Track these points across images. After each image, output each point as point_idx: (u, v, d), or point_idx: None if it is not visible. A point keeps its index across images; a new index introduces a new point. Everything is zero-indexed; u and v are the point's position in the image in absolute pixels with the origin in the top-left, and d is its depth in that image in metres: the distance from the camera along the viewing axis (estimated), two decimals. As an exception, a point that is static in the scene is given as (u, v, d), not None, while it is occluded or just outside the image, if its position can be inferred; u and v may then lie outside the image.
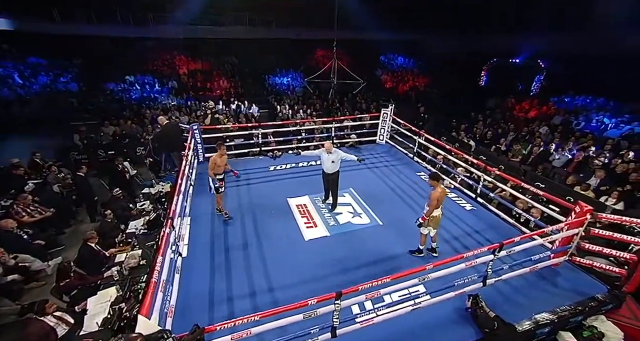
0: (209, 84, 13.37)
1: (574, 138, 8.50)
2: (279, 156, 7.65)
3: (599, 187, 6.46)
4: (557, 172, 7.58)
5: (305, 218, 5.29)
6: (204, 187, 6.05)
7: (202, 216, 5.22)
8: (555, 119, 10.42)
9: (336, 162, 5.17)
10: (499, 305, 3.57)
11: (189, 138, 6.17)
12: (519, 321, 3.37)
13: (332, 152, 5.13)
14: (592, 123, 9.82)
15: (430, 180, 3.93)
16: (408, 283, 3.00)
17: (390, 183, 6.57)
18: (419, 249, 4.30)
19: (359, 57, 16.22)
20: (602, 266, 3.90)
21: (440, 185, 3.85)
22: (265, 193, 6.02)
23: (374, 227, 5.11)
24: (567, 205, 4.02)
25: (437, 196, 3.80)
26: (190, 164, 5.47)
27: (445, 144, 6.55)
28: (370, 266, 4.23)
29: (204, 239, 4.68)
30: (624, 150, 7.63)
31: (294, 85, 14.59)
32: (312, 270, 4.14)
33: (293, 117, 11.01)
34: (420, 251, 4.28)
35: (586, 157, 7.48)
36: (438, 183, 3.86)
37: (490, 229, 5.07)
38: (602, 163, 7.03)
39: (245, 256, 4.38)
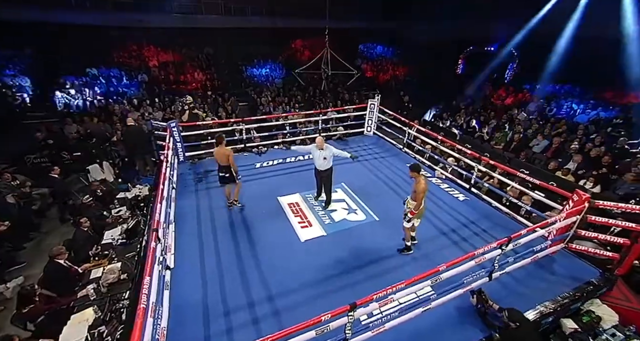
0: (183, 76, 12.47)
1: (550, 124, 8.71)
2: (265, 152, 7.26)
3: (576, 171, 6.66)
4: (538, 157, 7.77)
5: (299, 218, 5.02)
6: (187, 189, 5.64)
7: (187, 220, 4.80)
8: (530, 106, 10.68)
9: (328, 158, 4.89)
10: (503, 298, 3.52)
11: (167, 137, 5.61)
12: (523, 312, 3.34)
13: (324, 148, 4.83)
14: (563, 110, 10.16)
15: (412, 172, 3.76)
16: (420, 285, 2.82)
17: (382, 176, 6.41)
18: (407, 246, 4.16)
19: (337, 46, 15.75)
20: (596, 251, 3.95)
21: (422, 176, 3.69)
22: (254, 192, 5.66)
23: (370, 223, 4.96)
24: (565, 193, 4.02)
25: (423, 188, 3.64)
26: (171, 165, 4.97)
27: (437, 135, 6.42)
28: (371, 266, 4.07)
29: (191, 246, 4.30)
30: (593, 134, 7.94)
31: (274, 77, 14.01)
32: (312, 273, 3.92)
33: (275, 110, 10.52)
34: (410, 248, 4.15)
35: (562, 142, 7.69)
36: (419, 175, 3.71)
37: (485, 219, 5.05)
38: (578, 148, 7.24)
39: (239, 263, 4.06)
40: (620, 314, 3.69)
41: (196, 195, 5.49)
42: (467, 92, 13.49)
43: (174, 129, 5.91)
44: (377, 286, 3.59)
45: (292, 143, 7.83)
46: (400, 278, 3.72)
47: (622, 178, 6.11)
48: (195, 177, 6.10)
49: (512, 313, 2.88)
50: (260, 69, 14.21)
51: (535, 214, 4.70)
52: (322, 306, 3.40)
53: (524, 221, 4.83)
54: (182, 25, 12.80)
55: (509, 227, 4.83)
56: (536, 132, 8.37)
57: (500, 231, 4.72)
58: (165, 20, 12.41)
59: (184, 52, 13.46)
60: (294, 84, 13.42)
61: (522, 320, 2.87)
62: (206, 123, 6.73)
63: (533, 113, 9.94)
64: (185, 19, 12.66)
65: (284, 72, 14.50)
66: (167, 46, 13.34)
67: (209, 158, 6.82)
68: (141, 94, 11.00)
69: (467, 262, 3.02)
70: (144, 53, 13.04)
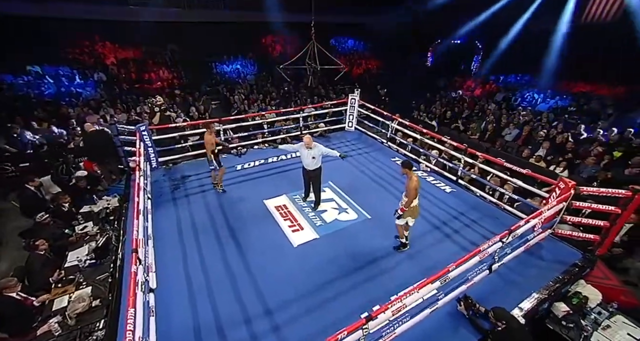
0: (146, 75, 11.51)
1: (518, 114, 9.12)
2: (244, 153, 6.86)
3: (546, 157, 7.00)
4: (510, 145, 8.10)
5: (289, 221, 4.78)
6: (163, 198, 5.18)
7: (167, 233, 4.38)
8: (497, 96, 11.14)
9: (317, 157, 4.70)
10: (500, 289, 3.57)
11: (137, 142, 5.06)
12: (520, 302, 3.39)
13: (313, 147, 4.63)
14: (526, 99, 10.71)
15: (403, 169, 3.67)
16: (430, 286, 2.72)
17: (368, 172, 6.32)
18: (403, 243, 4.10)
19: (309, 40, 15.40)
20: (580, 234, 4.11)
21: (413, 172, 3.62)
22: (237, 196, 5.31)
23: (362, 222, 4.83)
24: (550, 181, 4.13)
25: (415, 185, 3.56)
26: (144, 173, 4.47)
27: (422, 128, 6.43)
28: (369, 266, 3.95)
29: (175, 261, 3.90)
30: (554, 122, 8.43)
31: (245, 73, 13.41)
32: (309, 280, 3.71)
33: (250, 108, 10.04)
34: (405, 245, 4.09)
35: (531, 130, 8.06)
36: (411, 171, 3.63)
37: (473, 210, 5.12)
38: (544, 135, 7.63)
39: (229, 276, 3.75)
40: (603, 292, 3.88)
41: (174, 204, 5.04)
42: (439, 84, 13.82)
43: (144, 133, 5.35)
44: (378, 288, 3.59)
45: (273, 142, 7.50)
46: (399, 276, 3.76)
47: (585, 162, 6.51)
48: (171, 184, 5.62)
49: (497, 312, 2.86)
50: (230, 65, 13.52)
51: (520, 202, 4.81)
52: (324, 317, 3.25)
53: (511, 210, 4.95)
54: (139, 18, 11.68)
55: (497, 217, 4.94)
56: (508, 121, 8.70)
57: (489, 221, 4.81)
58: (118, 13, 11.21)
59: (145, 49, 12.40)
60: (267, 80, 12.94)
61: (507, 319, 2.86)
62: (179, 125, 6.17)
63: (500, 103, 10.36)
64: (143, 12, 11.58)
65: (255, 68, 13.95)
66: (125, 42, 12.15)
67: (185, 163, 6.37)
68: (99, 95, 9.96)
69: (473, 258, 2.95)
70: (99, 49, 11.79)
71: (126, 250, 3.93)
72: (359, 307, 3.35)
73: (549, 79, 10.71)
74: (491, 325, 2.98)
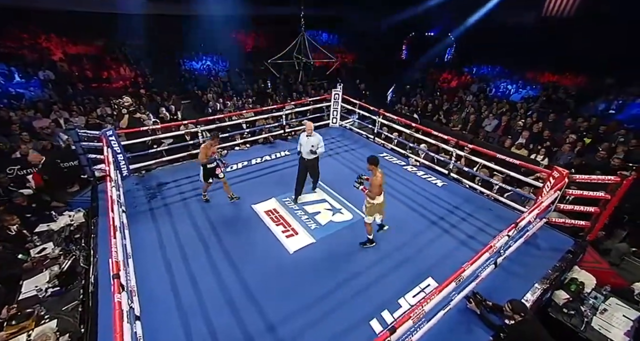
0: (105, 72, 10.58)
1: (495, 104, 9.46)
2: (225, 155, 6.49)
3: (527, 145, 7.31)
4: (491, 135, 8.38)
5: (282, 226, 4.58)
6: (139, 209, 4.78)
7: (148, 249, 4.00)
8: (472, 87, 11.51)
9: (316, 146, 4.79)
10: (504, 282, 3.62)
11: (104, 149, 4.57)
12: (525, 293, 3.46)
13: (313, 135, 4.78)
14: (500, 90, 11.16)
15: (369, 165, 3.68)
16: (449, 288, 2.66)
17: (357, 169, 6.23)
18: (370, 239, 4.12)
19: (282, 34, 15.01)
20: (572, 222, 4.27)
21: (379, 169, 3.65)
22: (223, 203, 5.02)
23: (359, 221, 4.71)
24: (543, 170, 4.25)
25: (378, 182, 3.60)
26: (116, 184, 4.04)
27: (411, 122, 6.44)
28: (373, 269, 3.86)
29: (160, 281, 3.57)
30: (529, 111, 8.85)
31: (217, 70, 12.81)
32: (310, 288, 3.56)
33: (226, 106, 9.58)
34: (372, 241, 4.13)
35: (509, 120, 8.39)
36: (377, 168, 3.65)
37: (467, 203, 5.21)
38: (522, 125, 7.97)
39: (223, 291, 3.49)
40: (596, 276, 4.07)
41: (152, 216, 4.65)
42: (415, 77, 14.06)
43: (111, 138, 4.84)
44: (383, 291, 3.54)
45: (255, 142, 7.21)
46: (403, 277, 3.72)
47: (561, 150, 6.87)
48: (146, 193, 5.20)
49: (515, 305, 2.86)
50: (200, 61, 12.85)
51: (511, 192, 4.94)
52: (331, 328, 3.11)
53: (503, 200, 5.06)
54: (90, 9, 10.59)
55: (490, 208, 5.06)
56: (487, 112, 8.99)
57: (484, 213, 4.92)
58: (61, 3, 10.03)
59: (101, 44, 11.37)
60: (240, 77, 12.45)
61: (526, 310, 2.88)
62: (151, 128, 5.68)
63: (476, 94, 10.71)
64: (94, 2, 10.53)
65: (227, 64, 13.39)
66: (75, 36, 10.99)
67: (160, 169, 5.93)
68: (48, 96, 8.96)
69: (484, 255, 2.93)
70: (42, 43, 10.57)
71: (100, 272, 3.53)
72: (366, 314, 3.27)
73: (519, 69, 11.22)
74: (503, 319, 2.98)
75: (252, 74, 12.83)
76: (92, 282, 3.46)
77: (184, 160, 6.27)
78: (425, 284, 3.65)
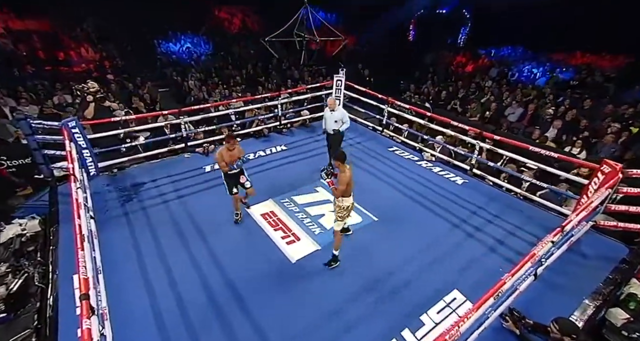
0: (62, 53, 10.04)
1: (519, 90, 9.32)
2: (213, 151, 6.34)
3: (560, 136, 7.16)
4: (516, 126, 8.23)
5: (281, 231, 4.43)
6: (110, 214, 4.57)
7: (121, 261, 3.78)
8: (491, 72, 11.37)
9: (339, 121, 5.39)
10: (545, 297, 3.46)
11: (66, 143, 4.32)
12: (573, 311, 3.29)
13: (336, 110, 5.37)
14: (524, 74, 11.02)
15: (335, 161, 3.59)
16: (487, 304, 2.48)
17: (364, 165, 6.10)
18: (335, 257, 3.85)
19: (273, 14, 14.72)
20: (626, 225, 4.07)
21: (347, 166, 3.55)
22: (211, 205, 4.84)
23: (369, 225, 4.61)
24: (590, 165, 4.09)
25: (346, 180, 3.49)
26: (82, 185, 3.80)
27: (425, 111, 6.27)
28: (389, 279, 3.70)
29: (136, 301, 3.34)
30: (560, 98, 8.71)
31: (198, 53, 12.55)
32: (317, 304, 3.39)
33: (211, 95, 9.34)
34: (337, 260, 3.86)
35: (536, 108, 8.25)
36: (344, 165, 3.55)
37: (493, 202, 5.11)
38: (552, 113, 7.83)
39: (215, 311, 3.27)
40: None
41: (127, 222, 4.45)
42: (426, 61, 13.87)
43: (74, 131, 4.58)
44: (401, 306, 3.39)
45: (246, 136, 7.00)
46: (424, 289, 3.57)
47: (602, 141, 6.73)
48: (119, 195, 4.99)
49: (562, 324, 2.67)
50: (178, 43, 12.53)
51: (546, 190, 4.79)
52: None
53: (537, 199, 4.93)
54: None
55: (521, 209, 4.93)
56: (510, 100, 8.83)
57: (513, 215, 4.80)
58: None
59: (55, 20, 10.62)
60: (227, 62, 12.18)
61: (577, 331, 2.69)
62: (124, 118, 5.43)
63: (497, 79, 10.56)
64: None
65: (210, 47, 13.10)
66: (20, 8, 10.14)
67: (136, 167, 5.73)
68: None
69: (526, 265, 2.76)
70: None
71: (62, 292, 3.29)
72: (384, 334, 3.12)
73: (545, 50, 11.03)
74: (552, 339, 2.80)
75: (239, 59, 12.57)
76: (51, 305, 3.20)
77: (163, 156, 6.08)
78: (450, 298, 3.50)
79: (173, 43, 12.44)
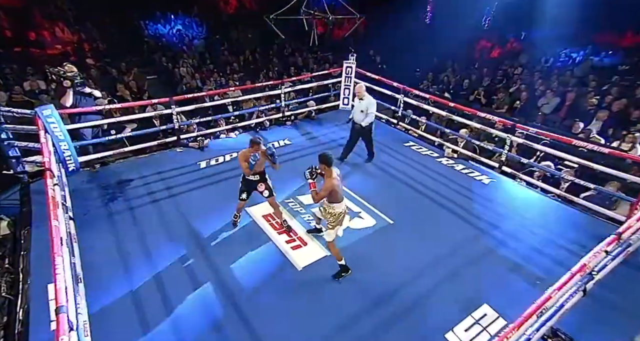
0: (33, 33, 9.84)
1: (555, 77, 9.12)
2: (207, 145, 6.38)
3: (604, 131, 6.91)
4: (550, 119, 8.03)
5: (286, 235, 4.40)
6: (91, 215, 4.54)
7: (104, 269, 3.71)
8: (521, 57, 11.16)
9: (365, 111, 5.41)
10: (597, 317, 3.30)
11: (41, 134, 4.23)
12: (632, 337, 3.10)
13: (364, 98, 5.45)
14: (560, 59, 10.77)
15: (320, 164, 3.55)
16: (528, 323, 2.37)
17: (378, 163, 6.11)
18: (344, 267, 3.79)
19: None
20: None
21: (334, 170, 3.52)
22: (208, 206, 4.82)
23: (384, 229, 4.56)
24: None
25: (331, 187, 3.45)
26: (59, 182, 3.71)
27: (448, 101, 6.17)
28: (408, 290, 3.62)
29: (121, 314, 3.26)
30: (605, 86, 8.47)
31: (191, 36, 12.49)
32: (329, 317, 3.31)
33: (205, 84, 9.28)
34: (347, 269, 3.81)
35: (576, 97, 8.02)
36: (330, 169, 3.51)
37: (526, 205, 5.07)
38: (596, 103, 7.60)
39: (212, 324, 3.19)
40: None
41: (111, 224, 4.40)
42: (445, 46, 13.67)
43: (49, 120, 4.48)
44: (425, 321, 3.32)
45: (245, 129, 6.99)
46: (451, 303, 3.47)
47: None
48: (103, 193, 4.96)
49: None
50: (168, 25, 12.47)
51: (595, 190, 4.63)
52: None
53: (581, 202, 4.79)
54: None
55: (560, 212, 4.86)
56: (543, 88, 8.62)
57: (551, 219, 4.73)
58: None
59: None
60: (222, 46, 12.08)
61: None
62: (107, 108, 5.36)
63: (528, 66, 10.36)
64: None
65: (204, 30, 13.02)
66: None
67: (121, 162, 5.73)
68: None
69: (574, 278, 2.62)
70: None
71: (34, 304, 3.23)
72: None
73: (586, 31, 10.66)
74: None
75: (237, 43, 12.46)
76: (20, 319, 3.12)
77: (152, 151, 6.08)
78: (480, 314, 3.39)
79: (162, 25, 12.38)
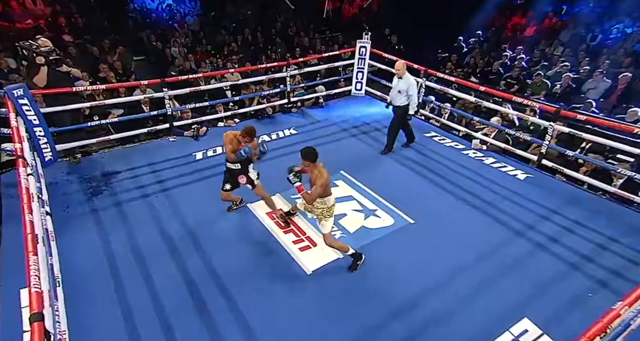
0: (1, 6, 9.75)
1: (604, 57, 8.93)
2: (204, 134, 6.46)
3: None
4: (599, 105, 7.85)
5: (293, 234, 4.45)
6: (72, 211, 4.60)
7: (86, 271, 3.74)
8: (563, 35, 11.02)
9: (403, 92, 5.54)
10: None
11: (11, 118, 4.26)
12: None
13: (402, 77, 5.55)
14: (612, 35, 10.52)
15: (303, 161, 3.63)
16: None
17: (396, 155, 6.17)
18: (355, 254, 3.95)
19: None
20: None
21: (319, 165, 3.62)
22: (205, 202, 4.84)
23: (403, 229, 4.55)
24: None
25: (324, 182, 3.55)
26: (34, 172, 3.72)
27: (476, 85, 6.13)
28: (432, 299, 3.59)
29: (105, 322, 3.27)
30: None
31: (183, 12, 12.56)
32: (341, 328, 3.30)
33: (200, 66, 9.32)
34: (360, 255, 3.99)
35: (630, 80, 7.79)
36: (316, 164, 3.60)
37: (570, 205, 4.98)
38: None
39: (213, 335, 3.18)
40: None
41: (96, 220, 4.45)
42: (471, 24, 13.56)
43: (22, 101, 4.48)
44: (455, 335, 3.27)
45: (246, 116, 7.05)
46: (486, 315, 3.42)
47: None
48: (85, 187, 5.03)
49: None
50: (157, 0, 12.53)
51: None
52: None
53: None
54: None
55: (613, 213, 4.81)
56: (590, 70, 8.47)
57: (602, 220, 4.66)
58: None
59: None
60: (219, 25, 12.12)
61: None
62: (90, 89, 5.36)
63: (570, 44, 10.23)
64: None
65: (198, 5, 13.10)
66: None
67: (106, 152, 5.82)
68: None
69: None
70: None
71: (4, 310, 3.25)
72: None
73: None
74: None
75: (237, 22, 12.50)
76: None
77: (141, 140, 6.15)
78: (519, 329, 3.33)
79: (151, 0, 12.45)
